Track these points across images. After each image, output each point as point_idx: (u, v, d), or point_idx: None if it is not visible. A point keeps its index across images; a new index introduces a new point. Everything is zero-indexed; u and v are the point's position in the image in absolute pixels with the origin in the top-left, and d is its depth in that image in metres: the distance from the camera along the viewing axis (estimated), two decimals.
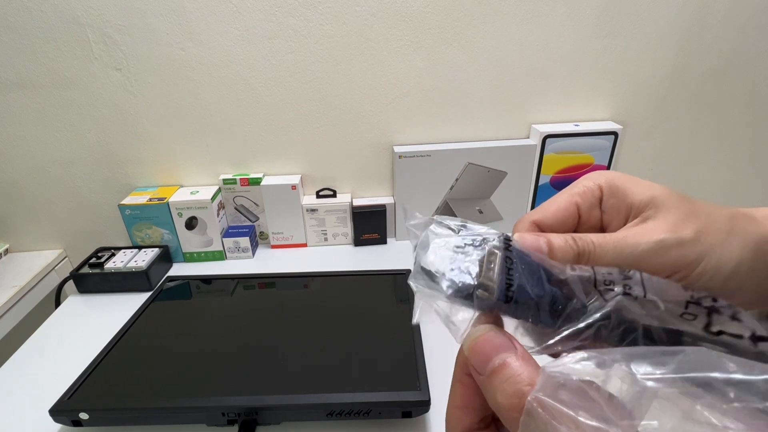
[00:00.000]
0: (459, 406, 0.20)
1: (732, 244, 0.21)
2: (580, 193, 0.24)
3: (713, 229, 0.21)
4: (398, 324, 0.62)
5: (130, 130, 0.82)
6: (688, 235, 0.21)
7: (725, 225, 0.22)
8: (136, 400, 0.51)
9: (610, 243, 0.21)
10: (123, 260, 0.79)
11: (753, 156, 0.92)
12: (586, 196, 0.24)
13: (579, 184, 0.25)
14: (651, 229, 0.21)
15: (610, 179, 0.24)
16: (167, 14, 0.73)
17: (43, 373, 0.62)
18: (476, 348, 0.18)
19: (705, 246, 0.21)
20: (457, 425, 0.19)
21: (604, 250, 0.21)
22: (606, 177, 0.24)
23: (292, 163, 0.88)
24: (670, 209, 0.22)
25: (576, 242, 0.22)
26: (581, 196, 0.24)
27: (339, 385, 0.51)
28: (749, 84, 0.85)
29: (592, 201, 0.24)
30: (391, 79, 0.80)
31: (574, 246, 0.21)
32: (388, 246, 0.90)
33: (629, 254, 0.21)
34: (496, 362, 0.17)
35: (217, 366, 0.56)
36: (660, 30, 0.79)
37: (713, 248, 0.21)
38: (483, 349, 0.18)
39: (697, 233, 0.21)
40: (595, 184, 0.24)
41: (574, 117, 0.86)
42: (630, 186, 0.23)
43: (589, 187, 0.24)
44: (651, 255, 0.21)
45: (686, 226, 0.21)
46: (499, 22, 0.77)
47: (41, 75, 0.77)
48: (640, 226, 0.22)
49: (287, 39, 0.76)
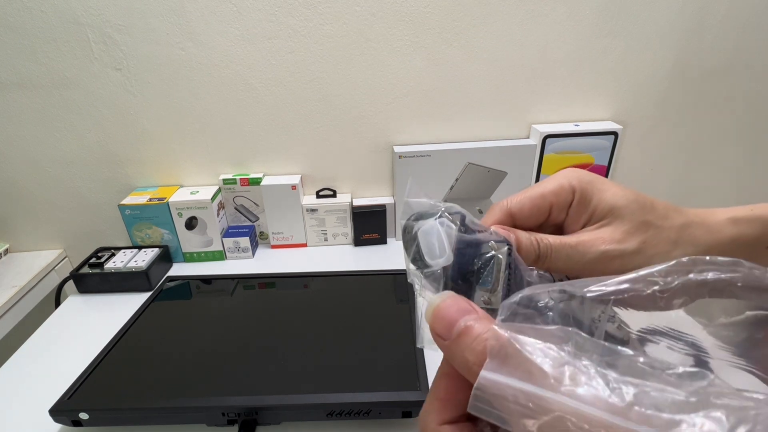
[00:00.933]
0: (441, 398, 0.19)
1: (672, 256, 0.23)
2: (556, 193, 0.25)
3: (659, 239, 0.23)
4: (398, 324, 0.62)
5: (130, 130, 0.82)
6: (630, 246, 0.23)
7: (674, 235, 0.23)
8: (136, 400, 0.51)
9: (564, 249, 0.23)
10: (123, 260, 0.79)
11: (753, 156, 0.92)
12: (561, 197, 0.25)
13: (556, 183, 0.25)
14: (599, 239, 0.23)
15: (584, 186, 0.25)
16: (167, 14, 0.73)
17: (43, 373, 0.62)
18: (440, 314, 0.18)
19: (646, 257, 0.23)
20: (435, 418, 0.19)
21: (558, 255, 0.23)
22: (580, 181, 0.25)
23: (292, 163, 0.88)
24: (623, 220, 0.24)
25: (538, 244, 0.23)
26: (556, 196, 0.25)
27: (339, 385, 0.51)
28: (749, 84, 0.85)
29: (564, 204, 0.25)
30: (391, 79, 0.80)
31: (536, 248, 0.23)
32: (388, 246, 0.90)
33: (578, 261, 0.23)
34: (461, 324, 0.17)
35: (217, 366, 0.56)
36: (660, 30, 0.79)
37: (653, 260, 0.22)
38: (447, 314, 0.18)
39: (640, 245, 0.23)
40: (570, 186, 0.25)
41: (574, 117, 0.86)
42: (596, 194, 0.25)
43: (564, 189, 0.25)
44: (595, 263, 0.23)
45: (632, 238, 0.23)
46: (499, 22, 0.77)
47: (41, 75, 0.77)
48: (592, 233, 0.24)
49: (287, 39, 0.76)
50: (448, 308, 0.18)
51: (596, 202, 0.24)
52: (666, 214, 0.24)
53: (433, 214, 0.22)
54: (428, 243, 0.21)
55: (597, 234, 0.24)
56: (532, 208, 0.25)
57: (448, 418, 0.19)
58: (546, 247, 0.23)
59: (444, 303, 0.18)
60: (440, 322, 0.18)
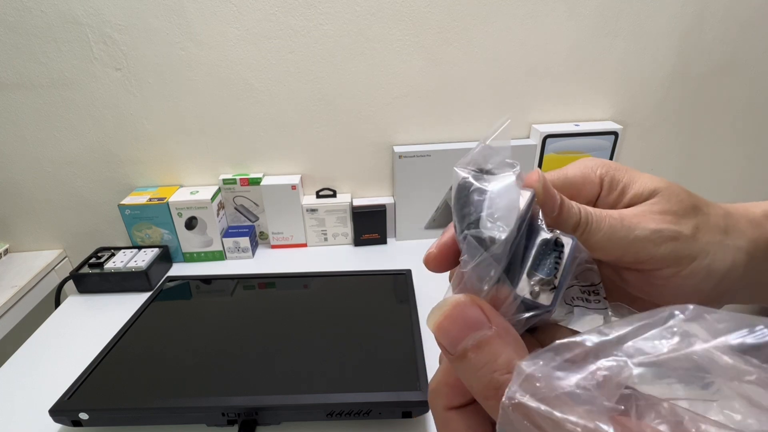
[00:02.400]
0: (450, 383, 0.18)
1: (727, 246, 0.20)
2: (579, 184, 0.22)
3: (710, 226, 0.20)
4: (398, 324, 0.62)
5: (130, 130, 0.82)
6: (686, 229, 0.20)
7: (722, 223, 0.21)
8: (136, 400, 0.51)
9: (606, 220, 0.19)
10: (123, 260, 0.79)
11: (753, 156, 0.92)
12: (584, 190, 0.22)
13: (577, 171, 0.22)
14: (649, 215, 0.20)
15: (612, 174, 0.22)
16: (167, 14, 0.73)
17: (43, 373, 0.62)
18: (443, 327, 0.16)
19: (700, 244, 0.20)
20: (443, 402, 0.18)
21: (599, 226, 0.19)
22: (607, 169, 0.22)
23: (292, 163, 0.88)
24: (671, 200, 0.20)
25: (579, 210, 0.20)
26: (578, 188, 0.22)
27: (339, 385, 0.51)
28: (749, 84, 0.85)
29: (588, 197, 0.22)
30: (391, 79, 0.80)
31: (578, 212, 0.19)
32: (388, 246, 0.90)
33: (622, 237, 0.19)
34: (468, 343, 0.15)
35: (217, 366, 0.56)
36: (660, 30, 0.79)
37: (708, 248, 0.20)
38: (452, 328, 0.15)
39: (694, 230, 0.20)
40: (596, 176, 0.22)
41: (574, 117, 0.86)
42: (631, 179, 0.22)
43: (589, 179, 0.22)
44: (644, 243, 0.19)
45: (686, 221, 0.20)
46: (499, 22, 0.77)
47: (41, 75, 0.77)
48: (639, 208, 0.20)
49: (287, 39, 0.76)
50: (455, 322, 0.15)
51: (635, 186, 0.21)
52: (706, 202, 0.22)
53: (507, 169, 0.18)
54: (498, 208, 0.17)
55: (644, 210, 0.20)
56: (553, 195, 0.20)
57: (456, 404, 0.18)
58: (587, 214, 0.19)
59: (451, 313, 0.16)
60: (445, 336, 0.16)
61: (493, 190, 0.18)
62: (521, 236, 0.17)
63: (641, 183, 0.21)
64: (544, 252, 0.18)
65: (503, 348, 0.15)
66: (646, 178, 0.21)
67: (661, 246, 0.19)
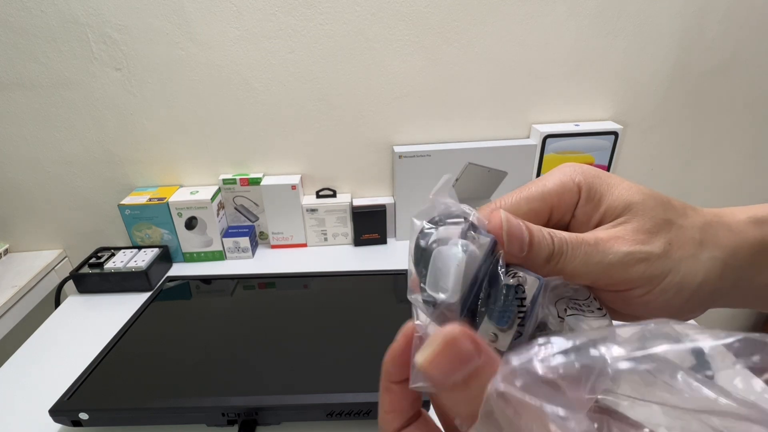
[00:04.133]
0: (388, 411, 0.20)
1: (699, 260, 0.20)
2: (558, 193, 0.22)
3: (684, 240, 0.20)
4: (398, 324, 0.61)
5: (130, 129, 0.82)
6: (656, 248, 0.20)
7: (698, 235, 0.21)
8: (136, 400, 0.51)
9: (582, 247, 0.20)
10: (123, 260, 0.79)
11: (753, 156, 0.92)
12: (564, 198, 0.22)
13: (558, 181, 0.22)
14: (620, 238, 0.20)
15: (591, 182, 0.22)
16: (167, 14, 0.73)
17: (43, 373, 0.62)
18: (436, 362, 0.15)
19: (672, 261, 0.20)
20: (389, 428, 0.20)
21: (575, 254, 0.20)
22: (585, 176, 0.22)
23: (292, 163, 0.88)
24: (643, 218, 0.21)
25: (552, 239, 0.20)
26: (559, 197, 0.22)
27: (339, 385, 0.51)
28: (749, 84, 0.85)
29: (568, 205, 0.22)
30: (391, 79, 0.80)
31: (550, 244, 0.19)
32: (388, 246, 0.90)
33: (598, 262, 0.20)
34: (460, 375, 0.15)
35: (217, 366, 0.56)
36: (660, 30, 0.79)
37: (679, 264, 0.20)
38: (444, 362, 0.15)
39: (666, 247, 0.20)
40: (574, 184, 0.22)
41: (574, 117, 0.86)
42: (607, 190, 0.22)
43: (568, 188, 0.22)
44: (616, 266, 0.20)
45: (656, 239, 0.20)
46: (499, 22, 0.77)
47: (41, 75, 0.77)
48: (611, 231, 0.21)
49: (287, 39, 0.76)
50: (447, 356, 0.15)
51: (609, 199, 0.21)
52: (684, 212, 0.21)
53: (458, 223, 0.18)
54: (442, 270, 0.17)
55: (617, 232, 0.20)
56: (529, 211, 0.22)
57: (399, 426, 0.20)
58: (561, 243, 0.19)
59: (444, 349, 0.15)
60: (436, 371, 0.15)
61: (439, 249, 0.18)
62: (479, 285, 0.18)
63: (616, 196, 0.21)
64: (506, 297, 0.18)
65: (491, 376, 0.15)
66: (623, 190, 0.21)
67: (632, 268, 0.20)
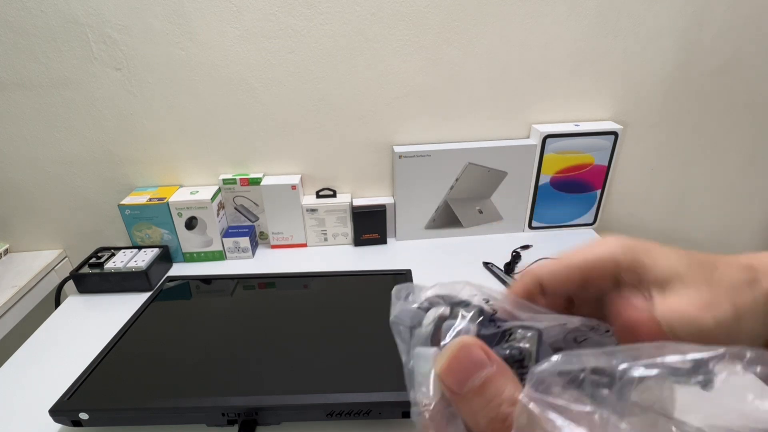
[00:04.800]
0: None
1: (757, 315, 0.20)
2: (594, 267, 0.22)
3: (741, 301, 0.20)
4: None
5: (130, 130, 0.82)
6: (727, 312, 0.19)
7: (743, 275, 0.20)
8: (136, 400, 0.51)
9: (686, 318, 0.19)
10: (123, 260, 0.79)
11: (753, 156, 0.92)
12: (597, 270, 0.22)
13: (596, 255, 0.22)
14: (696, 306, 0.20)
15: (632, 254, 0.22)
16: (167, 14, 0.73)
17: (43, 373, 0.62)
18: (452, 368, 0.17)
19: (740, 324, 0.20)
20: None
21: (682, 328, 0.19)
22: (624, 248, 0.22)
23: (292, 163, 0.88)
24: (695, 283, 0.20)
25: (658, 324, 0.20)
26: (593, 270, 0.22)
27: (339, 385, 0.51)
28: (749, 84, 0.85)
29: (604, 276, 0.22)
30: (391, 79, 0.80)
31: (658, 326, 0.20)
32: (388, 246, 0.90)
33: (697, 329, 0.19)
34: (475, 382, 0.16)
35: (217, 366, 0.56)
36: (660, 30, 0.79)
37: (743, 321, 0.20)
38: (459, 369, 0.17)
39: (734, 309, 0.19)
40: (611, 257, 0.22)
41: (574, 117, 0.86)
42: (650, 260, 0.21)
43: (603, 261, 0.22)
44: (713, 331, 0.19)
45: (721, 303, 0.20)
46: (499, 22, 0.77)
47: (41, 75, 0.77)
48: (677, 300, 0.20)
49: (287, 39, 0.76)
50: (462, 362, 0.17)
51: (654, 269, 0.21)
52: (715, 264, 0.21)
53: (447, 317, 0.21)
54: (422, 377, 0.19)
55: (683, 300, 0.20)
56: (566, 281, 0.23)
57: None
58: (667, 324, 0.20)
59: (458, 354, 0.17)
60: (454, 377, 0.17)
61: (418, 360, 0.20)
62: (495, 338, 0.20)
63: (661, 266, 0.21)
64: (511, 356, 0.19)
65: (506, 383, 0.16)
66: (665, 260, 0.21)
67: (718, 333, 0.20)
